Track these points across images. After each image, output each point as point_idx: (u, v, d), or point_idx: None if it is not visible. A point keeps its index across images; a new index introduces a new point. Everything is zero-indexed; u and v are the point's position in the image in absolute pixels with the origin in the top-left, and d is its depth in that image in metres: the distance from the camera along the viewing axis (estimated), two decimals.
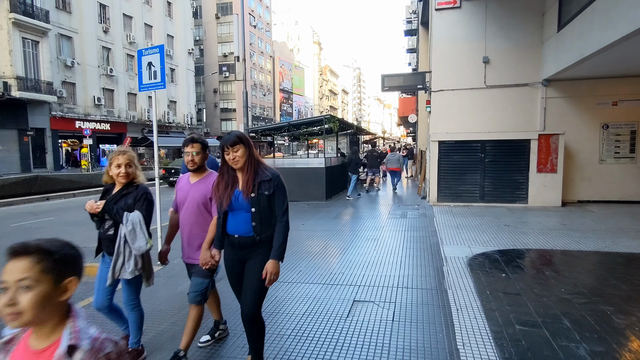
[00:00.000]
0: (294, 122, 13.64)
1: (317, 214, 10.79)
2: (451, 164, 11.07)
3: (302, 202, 13.05)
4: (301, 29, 75.33)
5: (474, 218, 9.26)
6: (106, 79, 32.43)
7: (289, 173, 13.54)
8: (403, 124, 30.15)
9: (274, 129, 13.92)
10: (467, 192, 11.01)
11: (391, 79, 12.07)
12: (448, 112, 11.66)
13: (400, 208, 11.37)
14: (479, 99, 11.43)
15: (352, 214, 10.89)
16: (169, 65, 39.66)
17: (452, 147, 11.04)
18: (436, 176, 11.19)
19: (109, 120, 32.66)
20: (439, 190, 11.20)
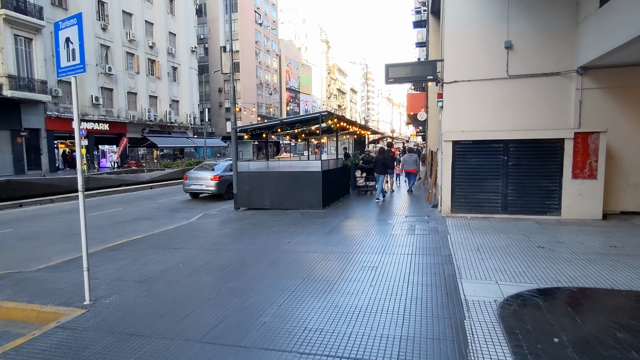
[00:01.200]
0: (287, 119, 11.97)
1: (308, 227, 9.09)
2: (467, 168, 9.28)
3: (295, 212, 11.37)
4: (309, 27, 73.64)
5: (497, 236, 7.46)
6: (105, 77, 31.14)
7: (281, 178, 11.87)
8: (412, 123, 28.27)
9: (265, 127, 12.29)
10: (487, 201, 9.20)
11: (397, 70, 10.31)
12: (463, 107, 9.85)
13: (408, 220, 9.60)
14: (500, 91, 9.60)
15: (350, 227, 9.16)
16: (171, 63, 38.33)
17: (469, 148, 9.24)
18: (450, 182, 9.40)
19: (107, 120, 31.37)
20: (453, 199, 9.41)
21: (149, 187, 19.60)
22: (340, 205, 12.19)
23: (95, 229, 10.36)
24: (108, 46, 31.63)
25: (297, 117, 11.87)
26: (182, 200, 15.71)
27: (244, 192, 12.19)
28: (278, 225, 9.60)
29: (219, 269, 6.14)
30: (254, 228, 9.44)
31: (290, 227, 9.21)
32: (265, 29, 54.03)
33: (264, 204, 12.02)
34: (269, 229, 9.18)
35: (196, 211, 12.94)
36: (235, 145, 12.51)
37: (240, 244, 7.87)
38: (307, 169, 11.92)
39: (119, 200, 16.10)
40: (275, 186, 11.87)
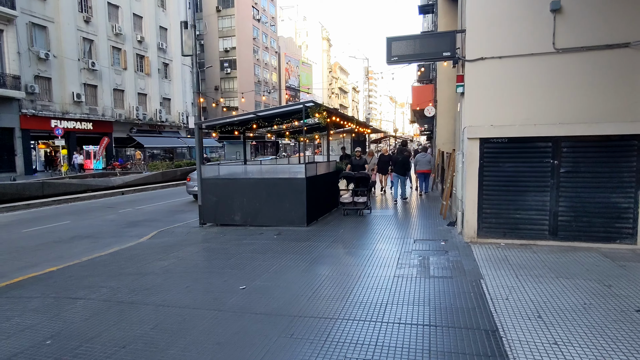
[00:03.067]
0: (264, 112, 9.34)
1: (281, 258, 6.45)
2: (501, 176, 6.60)
3: (272, 230, 8.74)
4: (309, 25, 70.90)
5: (557, 283, 4.79)
6: (88, 73, 28.63)
7: (256, 186, 9.24)
8: (417, 121, 25.54)
9: (235, 122, 9.68)
10: (528, 222, 6.51)
11: (402, 45, 7.65)
12: (492, 93, 7.16)
13: (418, 247, 6.93)
14: (543, 71, 6.89)
15: (338, 260, 6.50)
16: (162, 59, 35.79)
17: (503, 148, 6.57)
18: (476, 195, 6.72)
19: (90, 119, 28.86)
20: (481, 218, 6.73)
21: (119, 193, 17.03)
22: (330, 220, 9.53)
23: (11, 254, 7.90)
24: (92, 40, 29.13)
25: (275, 110, 9.27)
26: (149, 210, 13.12)
27: (210, 204, 9.57)
28: (242, 252, 6.97)
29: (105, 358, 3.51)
30: (207, 257, 6.81)
31: (256, 258, 6.57)
32: (263, 25, 51.41)
33: (234, 219, 9.40)
34: (226, 260, 6.55)
35: (158, 225, 10.39)
36: (200, 143, 9.89)
37: (173, 289, 5.24)
38: (288, 175, 9.29)
39: (74, 210, 13.53)
40: (249, 197, 9.24)
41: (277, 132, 13.18)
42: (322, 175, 9.93)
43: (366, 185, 10.23)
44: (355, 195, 10.15)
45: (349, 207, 10.25)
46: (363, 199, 10.15)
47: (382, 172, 13.57)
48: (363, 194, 10.20)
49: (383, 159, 13.38)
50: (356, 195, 10.16)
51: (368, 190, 10.34)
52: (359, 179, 10.24)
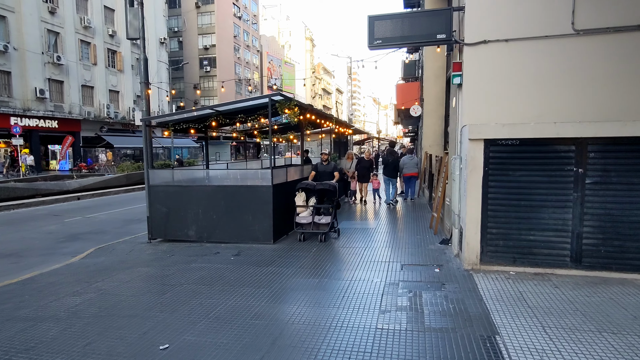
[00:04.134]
0: (223, 107, 7.73)
1: (233, 293, 4.89)
2: (511, 187, 5.18)
3: (230, 248, 7.16)
4: (293, 24, 69.16)
5: (600, 341, 3.36)
6: (53, 68, 26.45)
7: (214, 195, 7.64)
8: (401, 122, 24.22)
9: (191, 120, 8.07)
10: (545, 245, 5.11)
11: (387, 26, 6.18)
12: (498, 84, 5.75)
13: (406, 276, 5.45)
14: (561, 57, 5.51)
15: (305, 294, 4.95)
16: (136, 55, 33.66)
17: (514, 151, 5.15)
18: (479, 211, 5.28)
19: (55, 116, 26.67)
20: (485, 240, 5.29)
21: (75, 198, 15.14)
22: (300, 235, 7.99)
23: None
24: (57, 32, 26.96)
25: (236, 104, 7.67)
26: (101, 220, 11.36)
27: (159, 216, 7.92)
28: (184, 283, 5.38)
29: None
30: (137, 291, 5.19)
31: (200, 292, 4.99)
32: (245, 23, 49.54)
33: (187, 234, 7.78)
34: (159, 296, 4.95)
35: (104, 238, 8.76)
36: (149, 143, 8.26)
37: (64, 350, 3.63)
38: (252, 181, 7.73)
39: (12, 219, 11.64)
40: (205, 207, 7.63)
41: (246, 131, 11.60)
42: (294, 182, 8.38)
43: (332, 201, 7.55)
44: (316, 213, 7.47)
45: (306, 230, 7.45)
46: (326, 219, 7.37)
47: (361, 179, 11.83)
48: (327, 212, 7.52)
49: (363, 164, 11.75)
50: (317, 214, 7.45)
51: (335, 207, 7.55)
52: (322, 192, 7.61)
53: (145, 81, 9.04)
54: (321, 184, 7.62)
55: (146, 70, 9.20)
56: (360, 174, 11.72)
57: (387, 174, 11.68)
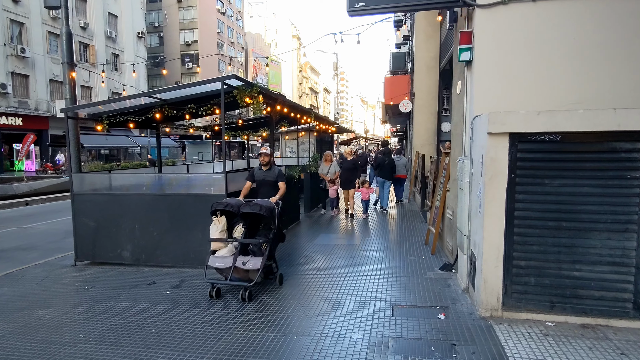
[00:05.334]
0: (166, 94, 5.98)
1: (149, 359, 3.20)
2: (546, 201, 3.59)
3: (172, 274, 5.46)
4: (279, 22, 67.14)
5: None
6: (16, 60, 24.23)
7: (153, 206, 5.92)
8: (389, 120, 22.69)
9: (128, 111, 6.33)
10: (596, 284, 3.53)
11: None
12: (524, 57, 4.18)
13: (398, 323, 3.84)
14: (604, 21, 3.97)
15: (258, 359, 3.29)
16: (111, 49, 31.54)
17: (552, 150, 3.55)
18: (502, 235, 3.67)
19: (19, 113, 24.47)
20: (510, 275, 3.69)
21: (23, 204, 13.20)
22: None
23: None
24: (22, 23, 24.71)
25: (180, 89, 5.92)
26: (40, 231, 9.50)
27: (87, 232, 6.16)
28: (82, 340, 3.67)
29: None
30: (4, 356, 3.47)
31: (132, 343, 3.29)
32: (229, 19, 47.51)
33: (121, 256, 6.04)
34: None
35: (30, 256, 7.06)
36: (75, 140, 6.50)
37: None
38: (203, 189, 6.02)
39: None
40: (144, 222, 5.91)
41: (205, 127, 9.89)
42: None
43: (268, 233, 4.76)
44: (241, 252, 4.67)
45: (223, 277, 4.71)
46: (255, 262, 4.46)
47: (345, 185, 9.48)
48: (259, 251, 4.62)
49: (345, 165, 9.53)
50: (243, 255, 4.63)
51: (274, 240, 4.76)
52: (252, 218, 4.81)
53: (68, 61, 7.26)
54: (250, 204, 4.65)
55: (70, 46, 7.43)
56: (344, 178, 9.48)
57: (382, 175, 10.30)
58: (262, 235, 4.83)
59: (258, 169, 5.67)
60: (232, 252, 4.71)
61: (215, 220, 4.76)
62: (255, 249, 4.69)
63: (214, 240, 4.73)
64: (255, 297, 4.56)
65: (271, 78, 53.51)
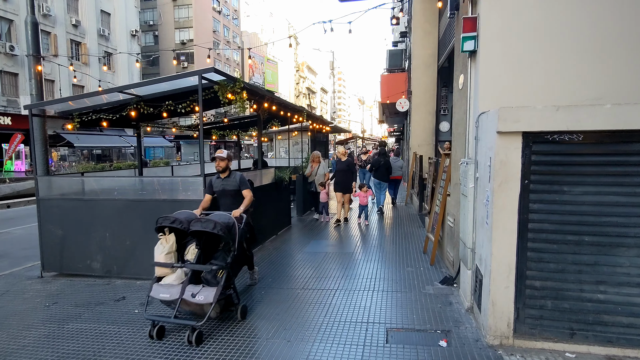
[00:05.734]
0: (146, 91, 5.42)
1: None
2: (566, 212, 3.06)
3: (147, 287, 4.89)
4: (276, 21, 66.55)
5: None
6: (6, 59, 23.61)
7: (128, 212, 5.37)
8: (386, 119, 22.17)
9: (101, 108, 5.79)
10: (624, 309, 3.00)
11: None
12: (539, 45, 3.66)
13: (393, 347, 3.32)
14: (636, 4, 3.46)
15: None
16: (104, 47, 30.89)
17: (573, 152, 3.03)
18: (513, 251, 3.15)
19: (8, 112, 23.85)
20: (523, 298, 3.16)
21: (4, 206, 12.61)
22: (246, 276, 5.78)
23: None
24: (11, 20, 24.10)
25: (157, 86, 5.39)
26: (14, 237, 8.94)
27: (54, 240, 5.61)
28: None
29: None
30: None
31: None
32: (225, 17, 46.91)
33: (90, 267, 5.50)
34: None
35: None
36: (41, 140, 5.94)
37: None
38: (180, 194, 5.48)
39: None
40: (115, 230, 5.37)
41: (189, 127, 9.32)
42: None
43: (226, 257, 3.89)
44: (193, 281, 3.76)
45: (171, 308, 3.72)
46: (208, 294, 3.54)
47: (341, 189, 8.56)
48: (214, 279, 3.76)
49: (338, 167, 8.62)
50: (194, 283, 3.74)
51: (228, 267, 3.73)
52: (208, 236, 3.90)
53: (34, 53, 6.73)
54: (202, 220, 3.74)
55: (35, 36, 6.89)
56: (338, 180, 8.61)
57: (378, 177, 10.01)
58: (220, 258, 3.90)
59: (216, 177, 4.64)
60: (181, 279, 3.78)
61: (162, 239, 3.85)
62: (208, 277, 3.77)
63: (157, 265, 3.78)
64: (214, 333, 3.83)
65: (268, 77, 52.88)
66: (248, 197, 4.48)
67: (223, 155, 4.53)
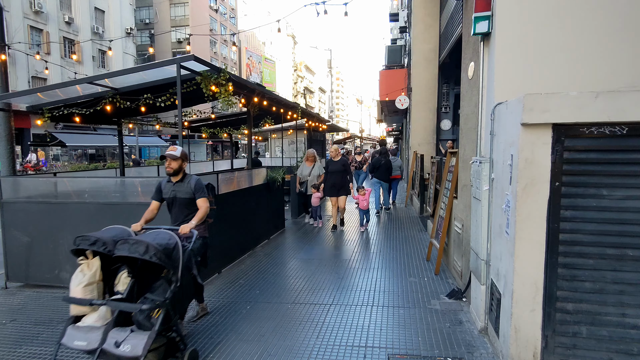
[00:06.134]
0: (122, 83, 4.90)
1: None
2: (606, 220, 2.52)
3: None
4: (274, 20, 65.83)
5: None
6: None
7: (98, 216, 4.82)
8: (384, 118, 21.65)
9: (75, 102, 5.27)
10: None
11: None
12: (560, 26, 3.12)
13: None
14: None
15: None
16: (98, 45, 30.29)
17: (615, 148, 2.49)
18: (540, 266, 2.61)
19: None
20: (552, 322, 2.63)
21: None
22: (239, 276, 5.23)
23: None
24: None
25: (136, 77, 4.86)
26: None
27: (21, 247, 5.05)
28: None
29: None
30: None
31: None
32: (222, 16, 46.29)
33: (59, 277, 4.94)
34: None
35: None
36: (7, 136, 5.39)
37: None
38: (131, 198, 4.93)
39: None
40: None
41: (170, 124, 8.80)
42: (231, 194, 5.62)
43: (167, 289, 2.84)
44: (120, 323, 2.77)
45: None
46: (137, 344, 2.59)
47: (330, 191, 7.63)
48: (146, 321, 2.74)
49: (332, 167, 7.61)
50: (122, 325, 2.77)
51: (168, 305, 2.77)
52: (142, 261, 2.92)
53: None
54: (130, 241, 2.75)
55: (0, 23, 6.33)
56: (329, 183, 7.60)
57: (379, 177, 9.64)
58: (160, 290, 2.85)
59: (166, 181, 3.68)
60: (106, 319, 2.81)
61: (83, 264, 2.91)
62: (140, 318, 2.74)
63: (70, 302, 2.80)
64: None
65: (265, 77, 52.39)
66: (203, 208, 3.52)
67: (175, 153, 3.52)
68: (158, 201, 3.70)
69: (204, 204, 3.56)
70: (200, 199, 3.57)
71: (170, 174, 3.60)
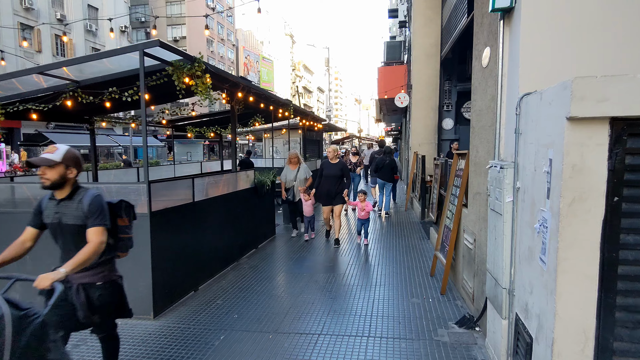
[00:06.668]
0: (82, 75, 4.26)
1: None
2: None
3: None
4: (272, 19, 65.23)
5: None
6: None
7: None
8: (383, 117, 20.98)
9: (31, 97, 4.63)
10: None
11: None
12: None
13: None
14: None
15: None
16: (91, 44, 29.57)
17: None
18: (592, 307, 1.95)
19: None
20: (605, 340, 1.96)
21: None
22: (218, 294, 4.55)
23: None
24: None
25: (96, 65, 4.22)
26: None
27: None
28: None
29: None
30: None
31: None
32: (219, 15, 45.59)
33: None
34: None
35: None
36: None
37: None
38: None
39: None
40: (38, 252, 4.09)
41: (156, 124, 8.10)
42: (212, 200, 4.94)
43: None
44: None
45: None
46: None
47: (325, 199, 6.62)
48: None
49: (330, 171, 6.53)
50: None
51: None
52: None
53: None
54: None
55: None
56: (324, 190, 6.58)
57: (383, 177, 9.21)
58: None
59: (48, 198, 2.48)
60: None
61: None
62: None
63: None
64: None
65: (263, 76, 51.69)
66: (91, 244, 2.28)
67: (52, 156, 2.29)
68: (36, 228, 2.50)
69: (95, 237, 2.29)
70: (93, 227, 2.31)
71: (46, 187, 2.32)
